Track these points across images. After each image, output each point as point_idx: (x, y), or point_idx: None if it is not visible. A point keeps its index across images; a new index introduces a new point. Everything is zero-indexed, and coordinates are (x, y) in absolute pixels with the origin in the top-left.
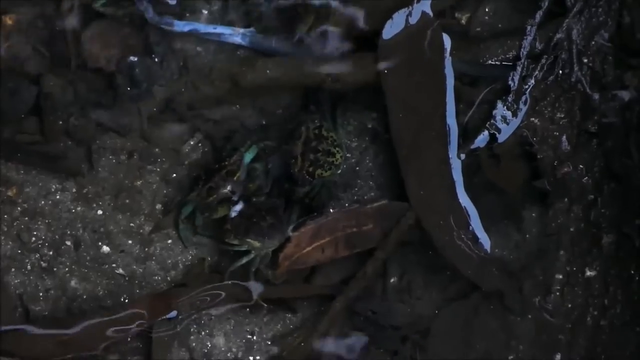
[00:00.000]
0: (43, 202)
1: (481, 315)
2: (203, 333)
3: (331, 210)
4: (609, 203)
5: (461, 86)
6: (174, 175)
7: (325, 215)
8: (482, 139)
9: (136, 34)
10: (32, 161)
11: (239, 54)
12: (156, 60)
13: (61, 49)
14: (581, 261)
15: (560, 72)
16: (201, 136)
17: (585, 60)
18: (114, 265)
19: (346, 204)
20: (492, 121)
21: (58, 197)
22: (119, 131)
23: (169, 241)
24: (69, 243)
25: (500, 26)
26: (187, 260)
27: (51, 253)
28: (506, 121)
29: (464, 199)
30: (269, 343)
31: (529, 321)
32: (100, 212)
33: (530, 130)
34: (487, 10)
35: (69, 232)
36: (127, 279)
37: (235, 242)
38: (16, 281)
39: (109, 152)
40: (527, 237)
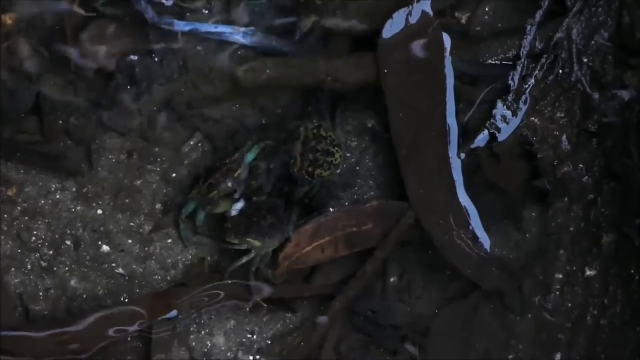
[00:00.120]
0: (43, 202)
1: (481, 315)
2: (203, 332)
3: (331, 210)
4: (608, 202)
5: (461, 85)
6: (174, 174)
7: (325, 214)
8: (482, 138)
9: (136, 33)
10: (32, 161)
11: (239, 53)
12: (156, 60)
13: (61, 49)
14: (581, 260)
15: (560, 71)
16: (201, 136)
17: (585, 60)
18: (113, 265)
19: (346, 203)
20: (492, 120)
21: (58, 197)
22: (118, 131)
23: (169, 240)
24: (68, 242)
25: (500, 25)
26: (187, 259)
27: (51, 252)
28: (506, 120)
29: (464, 198)
30: (269, 342)
31: (528, 320)
32: (100, 212)
33: (530, 129)
34: (487, 9)
35: (68, 232)
36: (126, 278)
37: (236, 241)
38: (16, 280)
39: (109, 152)
40: (527, 236)
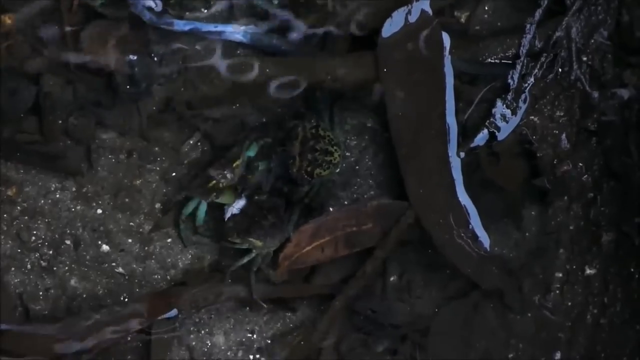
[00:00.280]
0: (43, 202)
1: (481, 314)
2: (203, 332)
3: (330, 210)
4: (608, 201)
5: (460, 85)
6: (174, 174)
7: (325, 214)
8: (481, 137)
9: (135, 33)
10: (32, 160)
11: (238, 52)
12: (155, 60)
13: (60, 49)
14: (581, 259)
15: (560, 70)
16: (200, 135)
17: (585, 59)
18: (113, 264)
19: (345, 202)
20: (492, 119)
21: (58, 197)
22: (118, 130)
23: (169, 240)
24: (68, 242)
25: (499, 24)
26: (186, 259)
27: (51, 252)
28: (506, 119)
29: (464, 197)
30: (269, 342)
31: (528, 319)
32: (99, 211)
33: (530, 128)
34: (486, 8)
35: (68, 231)
36: (126, 278)
37: (237, 240)
38: (16, 280)
39: (109, 152)
40: (527, 235)
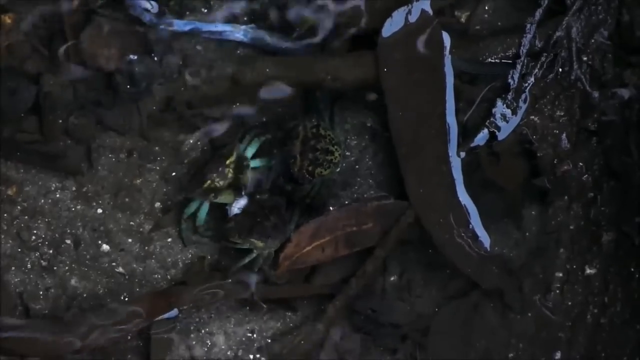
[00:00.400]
0: (43, 201)
1: (481, 313)
2: (203, 331)
3: (331, 209)
4: (608, 201)
5: (461, 84)
6: (174, 173)
7: (325, 214)
8: (481, 137)
9: (135, 33)
10: (32, 160)
11: (238, 52)
12: (155, 59)
13: (61, 49)
14: (581, 259)
15: (560, 70)
16: (200, 135)
17: (585, 58)
18: (113, 264)
19: (346, 202)
20: (492, 119)
21: (58, 196)
22: (118, 130)
23: (169, 239)
24: (68, 242)
25: (499, 24)
26: (187, 258)
27: (51, 252)
28: (506, 119)
29: (464, 197)
30: (269, 341)
31: (529, 319)
32: (100, 211)
33: (530, 128)
34: (486, 8)
35: (68, 231)
36: (127, 277)
37: (239, 240)
38: (16, 280)
39: (109, 151)
40: (527, 235)
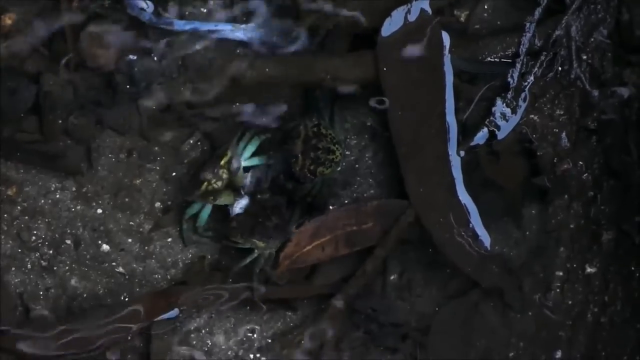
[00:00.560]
0: (43, 201)
1: (481, 313)
2: (203, 331)
3: (331, 208)
4: (608, 200)
5: (460, 83)
6: (174, 173)
7: (325, 213)
8: (481, 136)
9: (135, 32)
10: (32, 160)
11: (238, 52)
12: (155, 59)
13: (60, 48)
14: (581, 258)
15: (560, 69)
16: (200, 135)
17: (585, 57)
18: (114, 264)
19: (346, 201)
20: (492, 118)
21: (58, 196)
22: (118, 130)
23: (169, 239)
24: (68, 242)
25: (499, 23)
26: (187, 258)
27: (51, 252)
28: (505, 118)
29: (464, 196)
30: (270, 341)
31: (529, 318)
32: (100, 211)
33: (530, 127)
34: (485, 7)
35: (68, 231)
36: (127, 277)
37: (240, 240)
38: (16, 280)
39: (109, 151)
40: (527, 234)
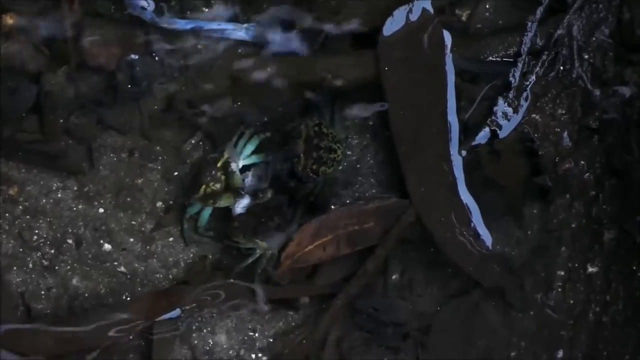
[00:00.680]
0: (44, 201)
1: (482, 312)
2: (205, 331)
3: (332, 208)
4: (610, 199)
5: (462, 83)
6: (175, 173)
7: (327, 213)
8: (483, 135)
9: (136, 32)
10: (33, 160)
11: (239, 51)
12: (156, 59)
13: (61, 48)
14: (583, 257)
15: (561, 68)
16: (202, 134)
17: (586, 57)
18: (115, 263)
19: (347, 201)
20: (493, 117)
21: (59, 196)
22: (119, 129)
23: (171, 239)
24: (70, 241)
25: (500, 22)
26: (188, 258)
27: (53, 251)
28: (507, 117)
29: (465, 195)
30: (271, 340)
31: (530, 318)
32: (101, 210)
33: (531, 126)
34: (487, 6)
35: (70, 231)
36: (128, 276)
37: (242, 240)
38: (18, 279)
39: (110, 151)
40: (529, 233)
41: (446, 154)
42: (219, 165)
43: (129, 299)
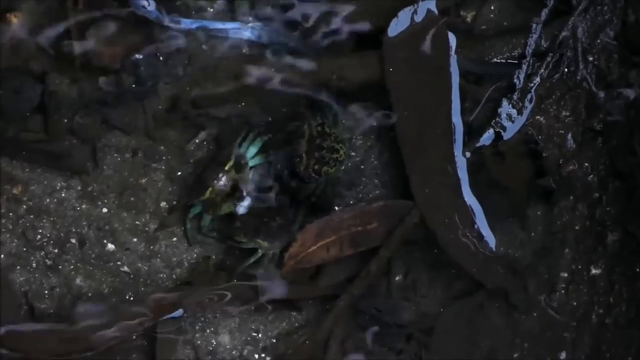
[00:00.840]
0: (48, 200)
1: (486, 313)
2: (208, 331)
3: (336, 209)
4: (613, 201)
5: (466, 84)
6: (179, 173)
7: (330, 214)
8: (487, 137)
9: (141, 31)
10: (37, 159)
11: (244, 51)
12: (161, 58)
13: (66, 48)
14: (586, 259)
15: (566, 70)
16: (206, 134)
17: (591, 59)
18: (119, 263)
19: (351, 202)
20: (498, 119)
21: (63, 195)
22: (123, 129)
23: (174, 239)
24: (74, 241)
25: (505, 24)
26: (192, 258)
27: (56, 251)
28: (511, 119)
29: (469, 197)
30: (274, 341)
31: (533, 319)
32: (105, 210)
33: (536, 128)
34: (492, 8)
35: (74, 230)
36: (132, 276)
37: (244, 240)
38: (21, 279)
39: (114, 150)
40: (532, 235)
41: (450, 155)
42: (226, 168)
43: (132, 298)
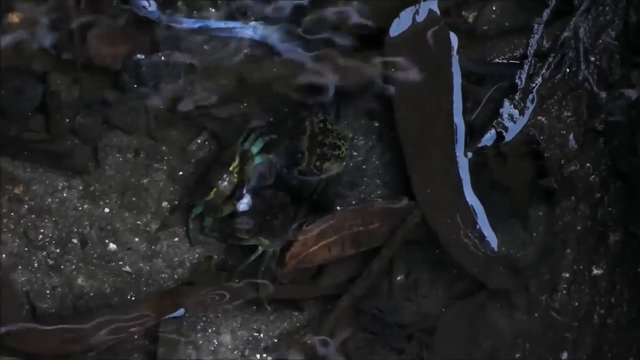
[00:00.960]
0: (50, 200)
1: (487, 314)
2: (209, 331)
3: (337, 209)
4: (615, 201)
5: (468, 84)
6: (181, 173)
7: (332, 214)
8: (489, 137)
9: (143, 31)
10: (39, 159)
11: (246, 51)
12: (163, 58)
13: (67, 47)
14: (588, 259)
15: (567, 70)
16: (207, 134)
17: (592, 59)
18: (120, 263)
19: (352, 202)
20: (499, 119)
21: (65, 195)
22: (125, 129)
23: (176, 239)
24: (75, 241)
25: (507, 24)
26: (193, 258)
27: (58, 251)
28: (513, 119)
29: (471, 197)
30: (276, 341)
31: (535, 319)
32: (107, 210)
33: (537, 128)
34: (493, 8)
35: (75, 230)
36: (133, 276)
37: (246, 236)
38: (23, 279)
39: (116, 150)
40: (534, 235)
41: (452, 155)
42: (231, 168)
43: (133, 298)
